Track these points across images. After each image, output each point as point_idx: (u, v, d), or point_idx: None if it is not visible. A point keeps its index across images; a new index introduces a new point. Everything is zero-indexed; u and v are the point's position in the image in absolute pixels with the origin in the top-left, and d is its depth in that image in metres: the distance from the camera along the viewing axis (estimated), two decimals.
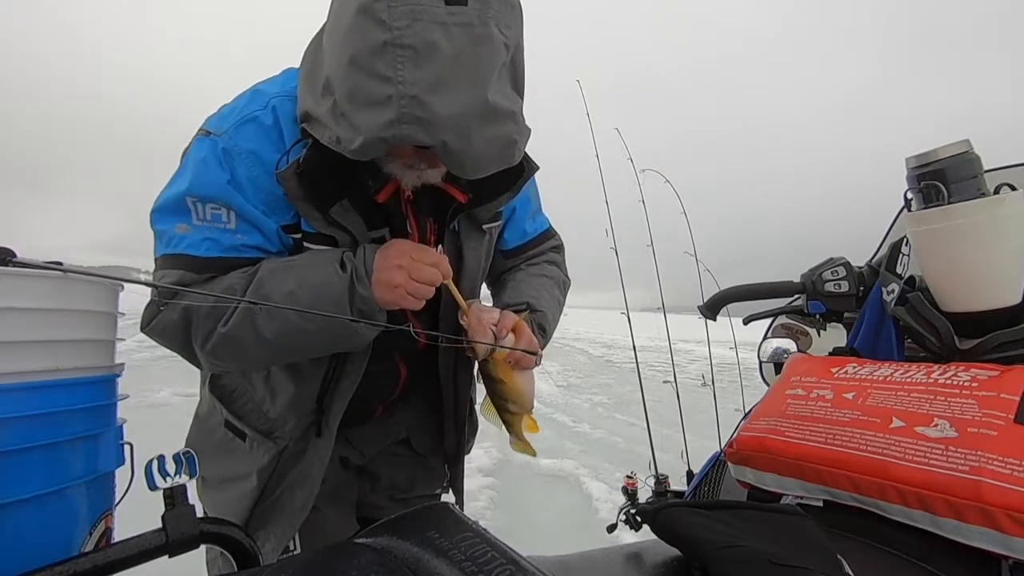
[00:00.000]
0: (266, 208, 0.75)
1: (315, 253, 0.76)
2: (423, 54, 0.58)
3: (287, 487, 0.85)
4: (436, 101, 0.59)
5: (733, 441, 0.79)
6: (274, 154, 0.74)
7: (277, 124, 0.74)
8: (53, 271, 0.42)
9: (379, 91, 0.59)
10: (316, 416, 0.85)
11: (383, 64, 0.58)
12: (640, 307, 2.61)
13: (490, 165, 0.68)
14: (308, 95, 0.71)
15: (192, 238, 0.73)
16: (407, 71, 0.58)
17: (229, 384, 0.89)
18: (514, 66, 0.67)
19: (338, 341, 0.76)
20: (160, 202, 0.75)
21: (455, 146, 0.62)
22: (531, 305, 0.91)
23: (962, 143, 0.79)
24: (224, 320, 0.71)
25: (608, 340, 15.08)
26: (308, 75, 0.72)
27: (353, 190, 0.75)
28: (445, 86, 0.59)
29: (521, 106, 0.68)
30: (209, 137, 0.74)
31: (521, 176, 0.84)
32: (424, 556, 0.40)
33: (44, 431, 0.41)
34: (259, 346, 0.72)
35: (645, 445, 1.95)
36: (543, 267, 1.03)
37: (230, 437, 0.87)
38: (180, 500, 0.44)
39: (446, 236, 0.86)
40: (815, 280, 1.01)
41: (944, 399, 0.65)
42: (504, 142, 0.66)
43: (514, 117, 0.65)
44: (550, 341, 0.96)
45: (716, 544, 0.46)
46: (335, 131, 0.65)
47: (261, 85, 0.79)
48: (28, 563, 0.38)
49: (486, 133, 0.63)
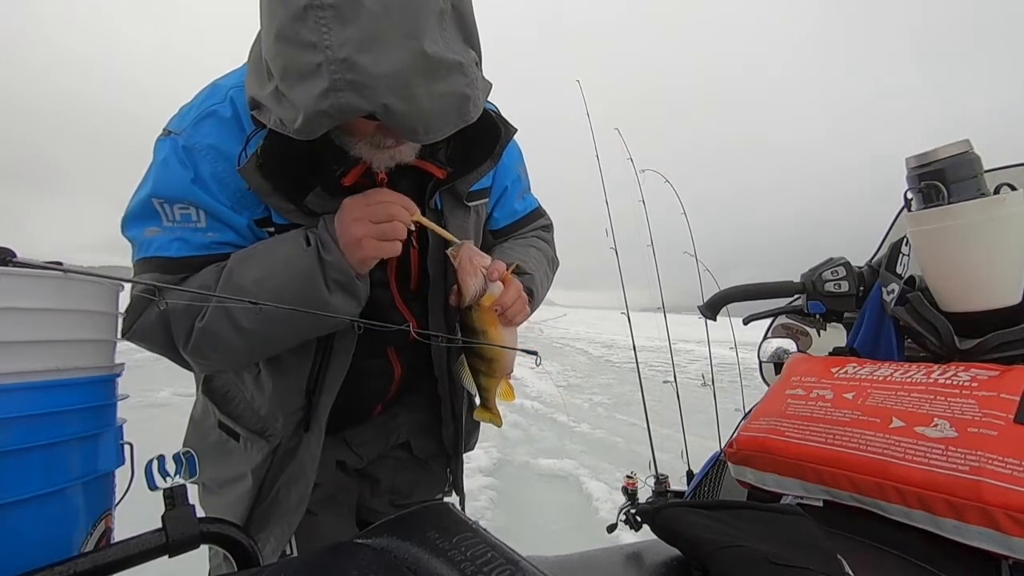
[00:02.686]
0: (234, 204, 0.73)
1: (278, 236, 0.74)
2: (346, 11, 0.53)
3: (282, 485, 0.85)
4: (368, 60, 0.54)
5: (733, 441, 0.78)
6: (236, 147, 0.71)
7: (237, 116, 0.72)
8: (53, 271, 0.42)
9: (308, 60, 0.55)
10: (305, 411, 0.84)
11: (307, 30, 0.54)
12: (640, 307, 2.61)
13: (444, 125, 0.62)
14: (254, 81, 0.67)
15: (162, 240, 0.72)
16: (332, 33, 0.54)
17: (221, 385, 0.89)
18: (459, 15, 0.61)
19: (317, 320, 0.72)
20: (128, 210, 0.74)
21: (399, 108, 0.57)
22: (520, 267, 0.86)
23: (962, 143, 0.79)
24: (201, 316, 0.71)
25: (608, 340, 15.07)
26: (255, 61, 0.68)
27: (323, 176, 0.72)
28: (376, 43, 0.54)
29: (474, 58, 0.63)
30: (170, 137, 0.72)
31: (498, 142, 0.80)
32: (424, 556, 0.40)
33: (44, 431, 0.41)
34: (239, 336, 0.71)
35: (645, 445, 1.95)
36: (532, 240, 1.01)
37: (225, 438, 0.87)
38: (180, 500, 0.44)
39: (428, 215, 0.82)
40: (815, 280, 1.01)
41: (944, 399, 0.65)
42: (456, 97, 0.60)
43: (462, 68, 0.60)
44: (551, 340, 0.95)
45: (716, 544, 0.46)
46: (277, 112, 0.62)
47: (220, 80, 0.77)
48: (28, 563, 0.38)
49: (432, 89, 0.58)
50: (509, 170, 0.95)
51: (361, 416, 0.94)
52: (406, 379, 0.93)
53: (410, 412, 1.00)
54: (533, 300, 0.88)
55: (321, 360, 0.82)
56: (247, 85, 0.69)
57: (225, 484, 0.87)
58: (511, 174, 0.95)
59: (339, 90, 0.55)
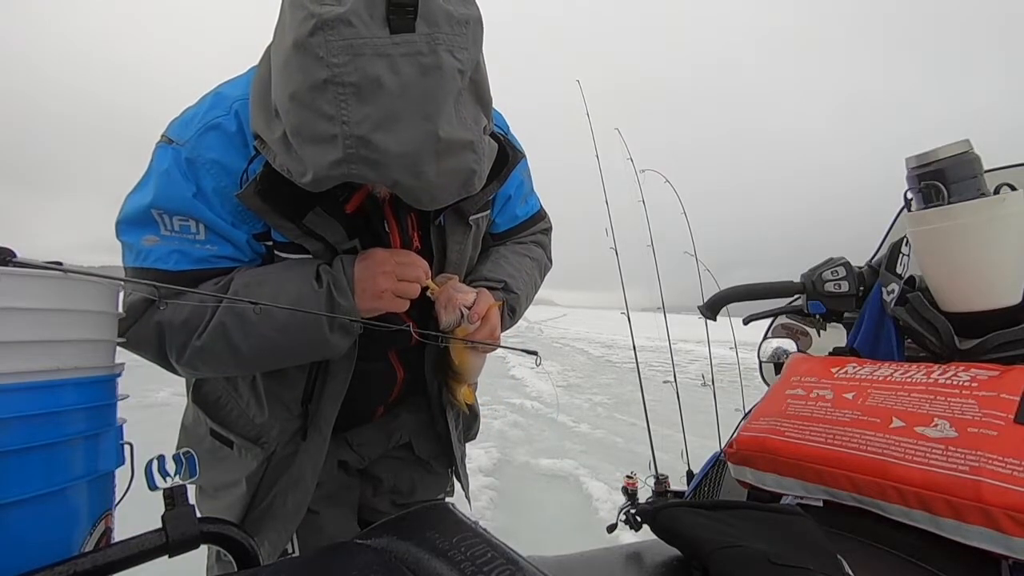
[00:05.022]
0: (234, 219, 0.73)
1: (288, 266, 0.74)
2: (366, 91, 0.54)
3: (279, 492, 0.85)
4: (384, 139, 0.55)
5: (733, 441, 0.78)
6: (240, 162, 0.71)
7: (241, 131, 0.71)
8: (53, 271, 0.42)
9: (324, 129, 0.55)
10: (303, 419, 0.84)
11: (325, 102, 0.54)
12: (640, 307, 2.61)
13: (448, 198, 0.64)
14: (259, 117, 0.66)
15: (161, 251, 0.71)
16: (351, 109, 0.54)
17: (212, 392, 0.88)
18: (475, 85, 0.62)
19: (314, 352, 0.76)
20: (125, 213, 0.73)
21: (408, 183, 0.59)
22: (508, 285, 0.90)
23: (962, 143, 0.79)
24: (198, 334, 0.70)
25: (608, 340, 15.07)
26: (259, 92, 0.67)
27: (323, 198, 0.71)
28: (393, 123, 0.55)
29: (485, 124, 0.64)
30: (172, 146, 0.71)
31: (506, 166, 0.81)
32: (424, 556, 0.40)
33: (44, 431, 0.40)
34: (234, 358, 0.72)
35: (645, 445, 1.95)
36: (529, 247, 1.02)
37: (218, 445, 0.87)
38: (180, 500, 0.44)
39: (432, 231, 0.84)
40: (815, 280, 1.01)
41: (944, 399, 0.65)
42: (463, 174, 0.62)
43: (472, 146, 0.61)
44: (551, 340, 0.96)
45: (716, 544, 0.46)
46: (284, 160, 0.62)
47: (224, 88, 0.76)
48: (28, 563, 0.38)
49: (442, 167, 0.59)
50: (513, 178, 0.94)
51: (363, 418, 0.95)
52: (408, 381, 0.93)
53: (411, 413, 1.00)
54: (514, 316, 0.93)
55: (317, 371, 0.82)
56: (252, 115, 0.68)
57: (221, 488, 0.87)
58: (515, 181, 0.95)
59: (352, 163, 0.56)
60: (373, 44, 0.54)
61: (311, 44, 0.53)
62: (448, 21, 0.56)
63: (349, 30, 0.53)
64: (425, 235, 0.84)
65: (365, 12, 0.54)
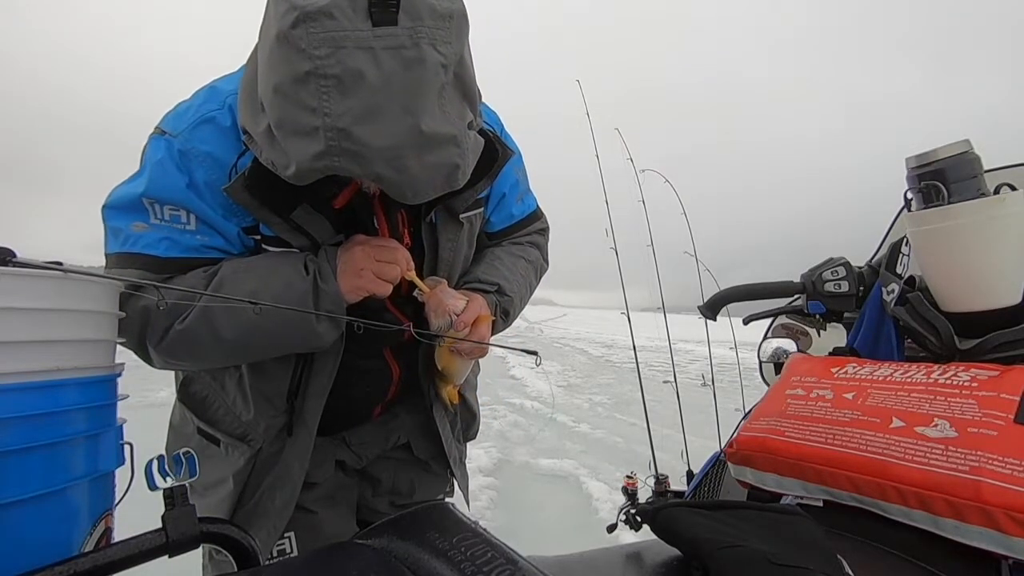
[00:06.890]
0: (225, 212, 0.73)
1: (276, 256, 0.75)
2: (348, 84, 0.54)
3: (267, 489, 0.85)
4: (365, 132, 0.55)
5: (733, 441, 0.78)
6: (232, 156, 0.72)
7: (235, 125, 0.72)
8: (53, 271, 0.42)
9: (306, 121, 0.56)
10: (288, 416, 0.84)
11: (307, 94, 0.55)
12: (640, 307, 2.61)
13: (431, 192, 0.64)
14: (247, 111, 0.67)
15: (150, 237, 0.71)
16: (333, 102, 0.54)
17: (200, 391, 0.88)
18: (459, 80, 0.62)
19: (299, 341, 0.75)
20: (114, 199, 0.73)
21: (390, 176, 0.59)
22: (501, 288, 0.91)
23: (962, 143, 0.79)
24: (182, 318, 0.70)
25: (608, 340, 15.06)
26: (247, 87, 0.68)
27: (312, 193, 0.72)
28: (375, 116, 0.55)
29: (470, 119, 0.64)
30: (165, 137, 0.72)
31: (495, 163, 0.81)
32: (423, 556, 0.40)
33: (44, 431, 0.41)
34: (216, 344, 0.71)
35: (645, 445, 1.95)
36: (525, 249, 1.02)
37: (205, 444, 0.87)
38: (180, 500, 0.44)
39: (423, 228, 0.84)
40: (815, 280, 1.01)
41: (944, 399, 0.65)
42: (446, 168, 0.62)
43: (455, 140, 0.61)
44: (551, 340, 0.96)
45: (716, 544, 0.46)
46: (268, 154, 0.63)
47: (218, 83, 0.76)
48: (28, 563, 0.38)
49: (424, 161, 0.59)
50: (507, 176, 0.94)
51: (361, 417, 0.94)
52: (405, 380, 0.93)
53: (410, 413, 1.00)
54: (507, 319, 0.94)
55: (303, 366, 0.82)
56: (240, 110, 0.69)
57: (208, 487, 0.87)
58: (509, 179, 0.95)
59: (334, 155, 0.57)
60: (355, 37, 0.54)
61: (293, 36, 0.54)
62: (431, 15, 0.56)
63: (331, 22, 0.53)
64: (416, 233, 0.84)
65: (347, 5, 0.54)
